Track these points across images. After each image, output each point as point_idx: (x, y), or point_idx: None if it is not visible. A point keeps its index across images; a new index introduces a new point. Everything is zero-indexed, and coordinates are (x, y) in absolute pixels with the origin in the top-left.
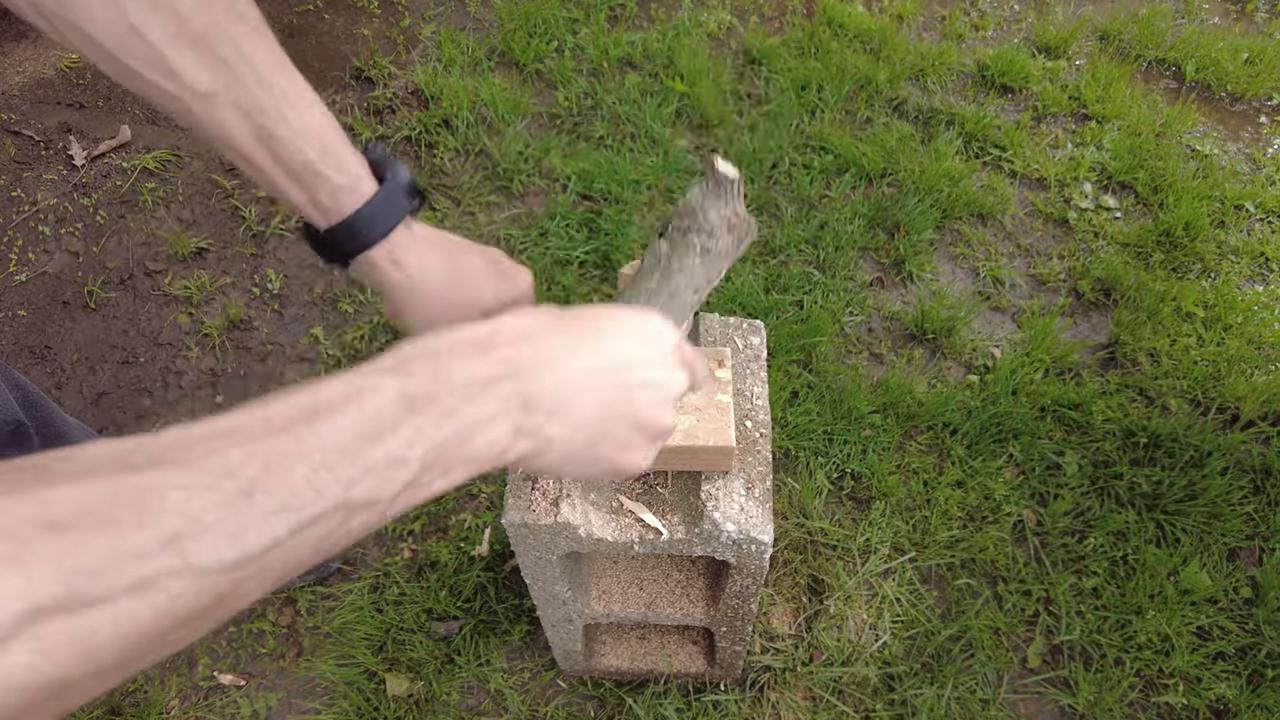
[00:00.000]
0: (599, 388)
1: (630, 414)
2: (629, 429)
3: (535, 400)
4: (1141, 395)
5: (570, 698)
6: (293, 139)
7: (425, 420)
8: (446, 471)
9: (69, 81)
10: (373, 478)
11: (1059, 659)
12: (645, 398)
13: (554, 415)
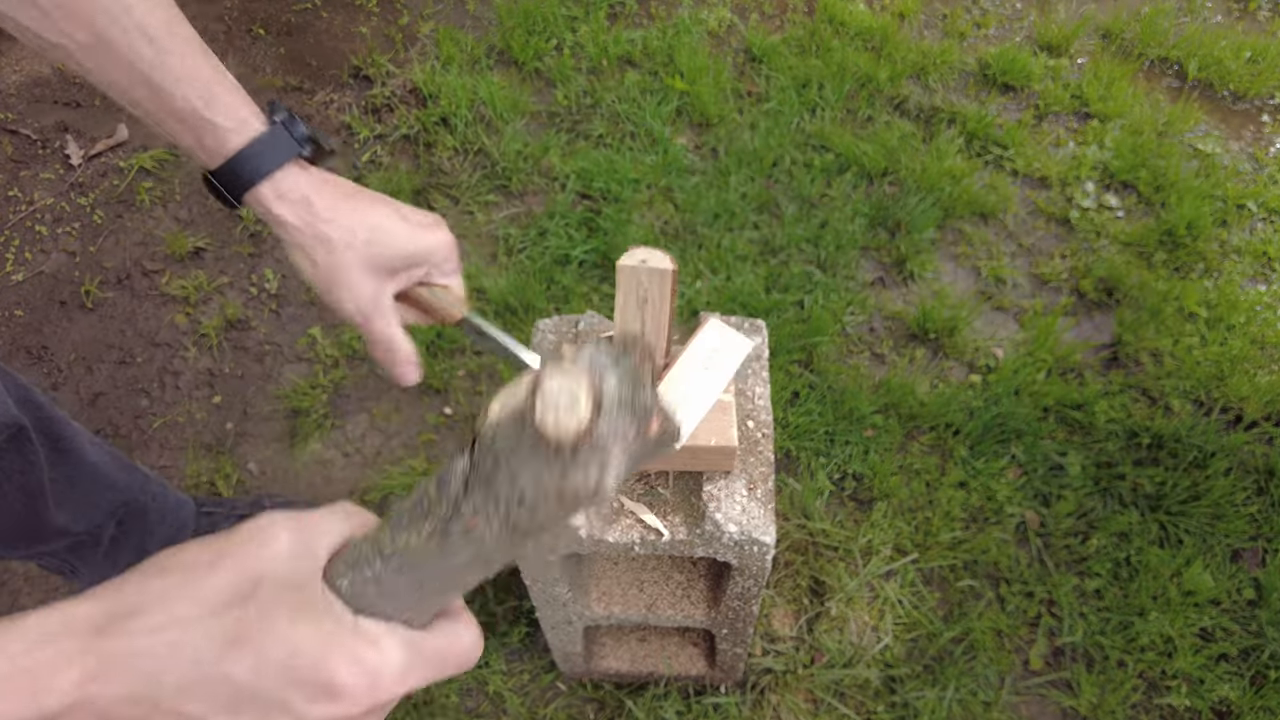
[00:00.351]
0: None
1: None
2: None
3: None
4: (1144, 395)
5: (570, 700)
6: (176, 87)
7: None
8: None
9: (66, 80)
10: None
11: (1061, 661)
12: None
13: None
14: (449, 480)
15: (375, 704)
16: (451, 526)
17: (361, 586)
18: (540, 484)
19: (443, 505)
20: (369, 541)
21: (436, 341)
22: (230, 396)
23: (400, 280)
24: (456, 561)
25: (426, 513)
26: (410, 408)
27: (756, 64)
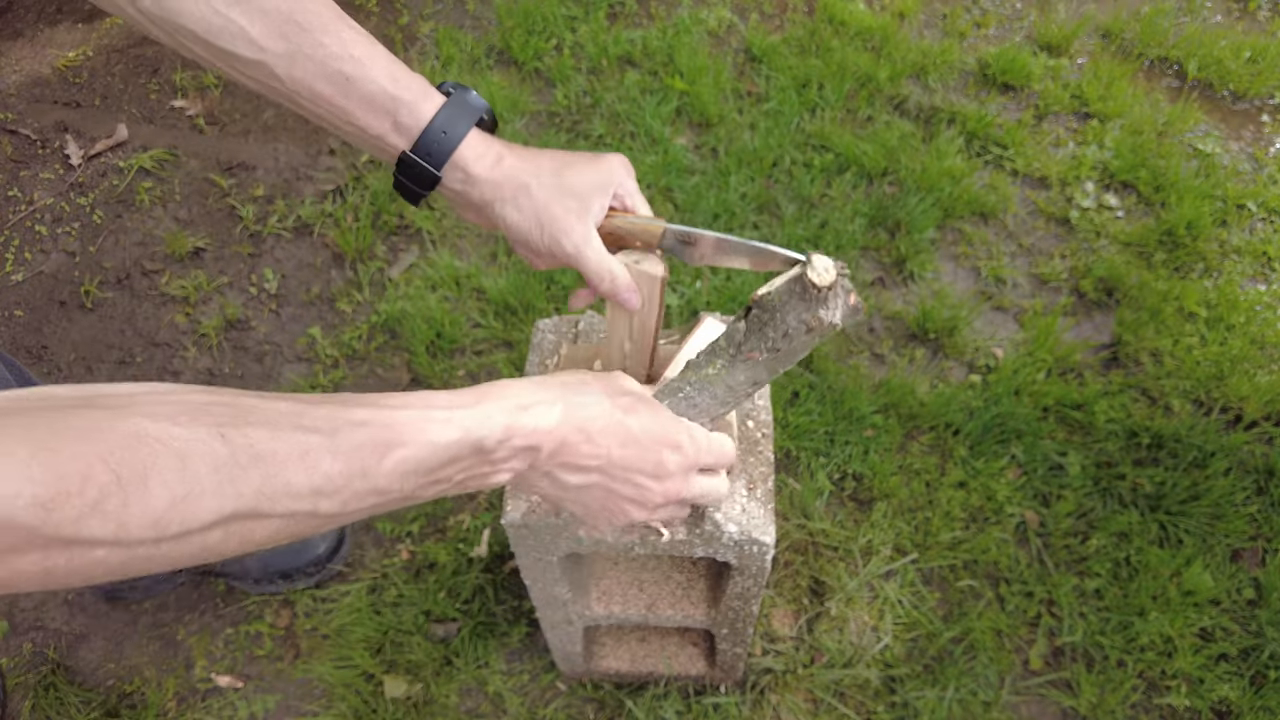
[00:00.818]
0: (595, 494)
1: (602, 505)
2: (596, 510)
3: (539, 467)
4: (1144, 395)
5: (569, 700)
6: (364, 74)
7: (477, 463)
8: (461, 486)
9: (65, 80)
10: (430, 489)
11: (1061, 660)
12: (626, 509)
13: (544, 477)
14: (734, 334)
15: (695, 461)
16: (736, 359)
17: (676, 404)
18: (800, 319)
19: (731, 347)
20: (679, 378)
21: (436, 341)
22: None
23: (596, 211)
24: (738, 380)
25: (719, 354)
26: None
27: (756, 64)
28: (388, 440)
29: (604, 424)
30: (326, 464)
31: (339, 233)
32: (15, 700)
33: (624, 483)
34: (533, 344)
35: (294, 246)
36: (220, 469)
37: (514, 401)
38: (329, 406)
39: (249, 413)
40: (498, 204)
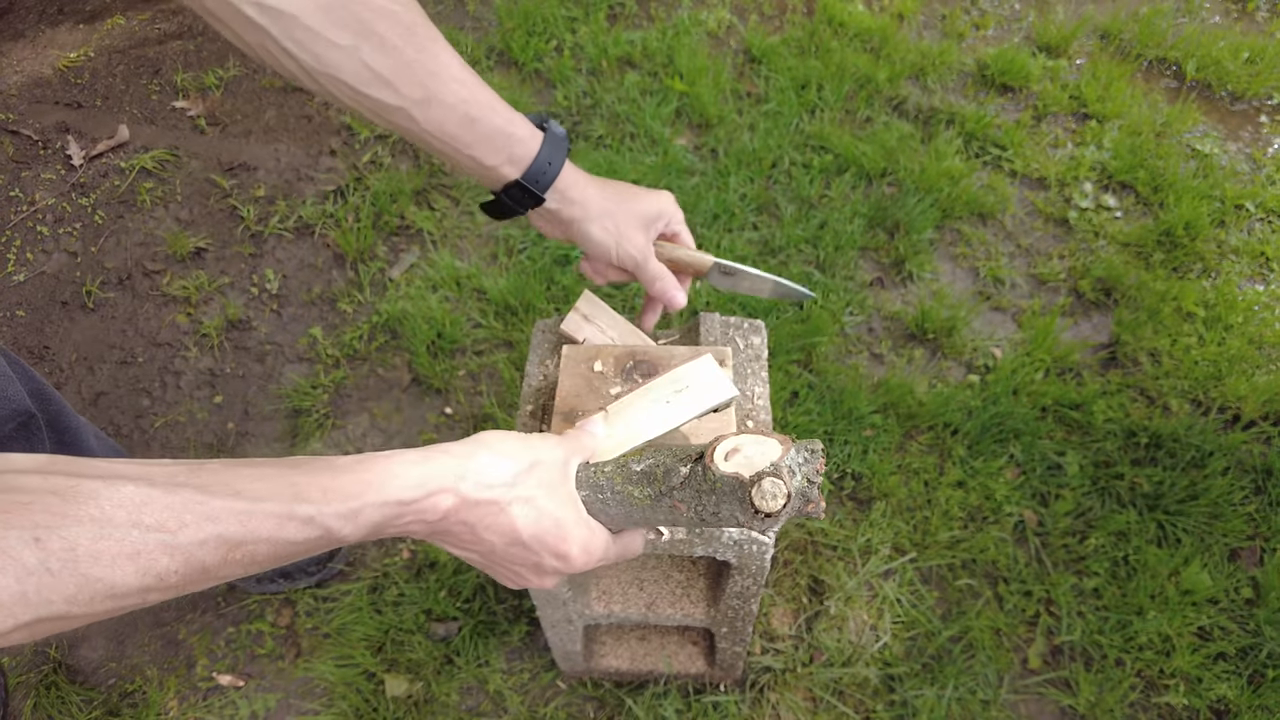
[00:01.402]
0: (476, 561)
1: (495, 574)
2: (507, 577)
3: (423, 536)
4: (1142, 395)
5: (570, 698)
6: (485, 116)
7: (349, 543)
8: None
9: (67, 81)
10: (283, 563)
11: (1060, 659)
12: (514, 580)
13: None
14: (674, 476)
15: (578, 568)
16: (662, 501)
17: (592, 502)
18: (734, 516)
19: (662, 486)
20: (607, 477)
21: (437, 342)
22: (231, 396)
23: (653, 233)
24: (656, 516)
25: (650, 482)
26: (411, 408)
27: (756, 65)
28: (237, 539)
29: (493, 523)
30: (163, 564)
31: (340, 233)
32: (17, 699)
33: (500, 566)
34: (533, 344)
35: (295, 247)
36: (25, 579)
37: (395, 500)
38: (185, 491)
39: (84, 503)
40: (585, 223)
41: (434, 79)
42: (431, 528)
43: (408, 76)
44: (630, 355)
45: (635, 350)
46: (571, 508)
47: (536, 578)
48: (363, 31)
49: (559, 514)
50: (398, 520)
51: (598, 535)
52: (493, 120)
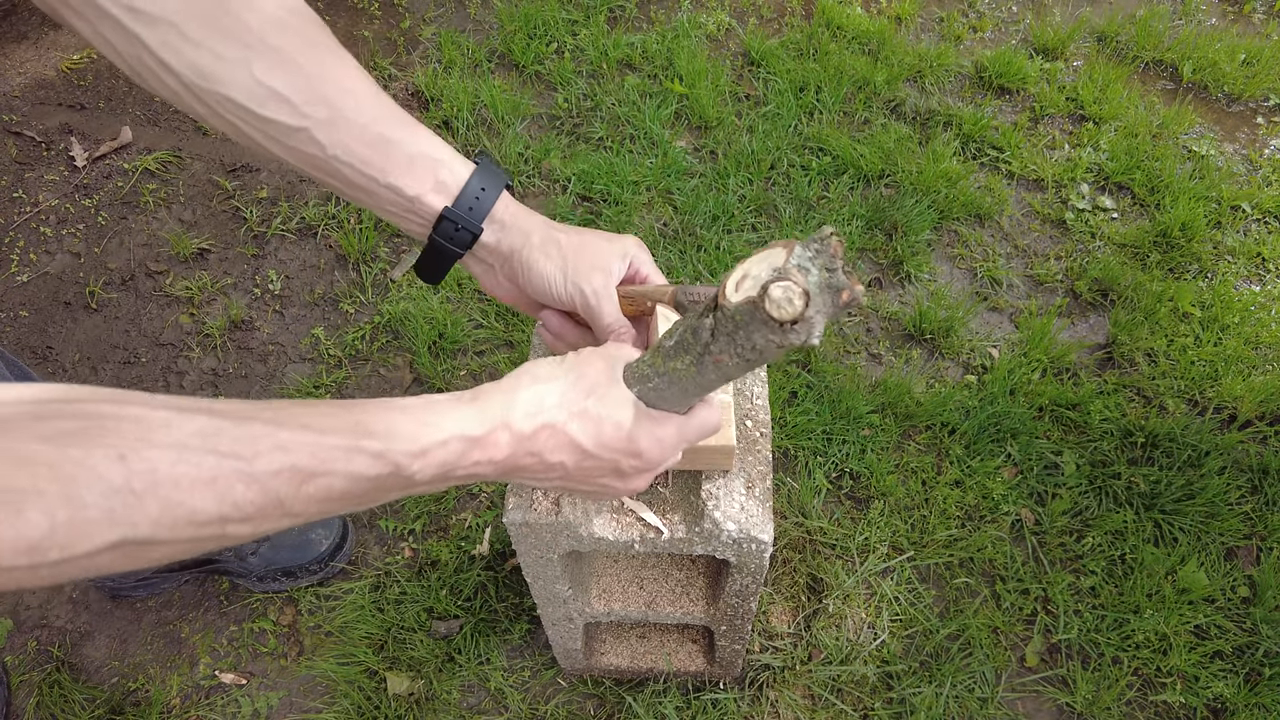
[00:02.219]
0: (559, 487)
1: (586, 495)
2: (597, 493)
3: (493, 478)
4: (1139, 395)
5: (570, 696)
6: (406, 136)
7: (424, 490)
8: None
9: (70, 82)
10: (359, 507)
11: (1057, 658)
12: (598, 496)
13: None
14: (700, 331)
15: (660, 460)
16: (704, 360)
17: (646, 393)
18: (768, 341)
19: (697, 346)
20: (649, 365)
21: (439, 342)
22: (234, 396)
23: (615, 272)
24: (707, 379)
25: (686, 350)
26: None
27: (755, 67)
28: (310, 469)
29: (556, 444)
30: (239, 491)
31: (342, 234)
32: (20, 698)
33: (583, 484)
34: (534, 344)
35: (298, 248)
36: (112, 495)
37: (458, 434)
38: (251, 426)
39: (160, 430)
40: (526, 249)
41: (341, 95)
42: (500, 466)
43: (309, 92)
44: None
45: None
46: (627, 407)
47: (624, 483)
48: (254, 43)
49: (616, 416)
50: (466, 460)
51: (665, 423)
52: (413, 141)
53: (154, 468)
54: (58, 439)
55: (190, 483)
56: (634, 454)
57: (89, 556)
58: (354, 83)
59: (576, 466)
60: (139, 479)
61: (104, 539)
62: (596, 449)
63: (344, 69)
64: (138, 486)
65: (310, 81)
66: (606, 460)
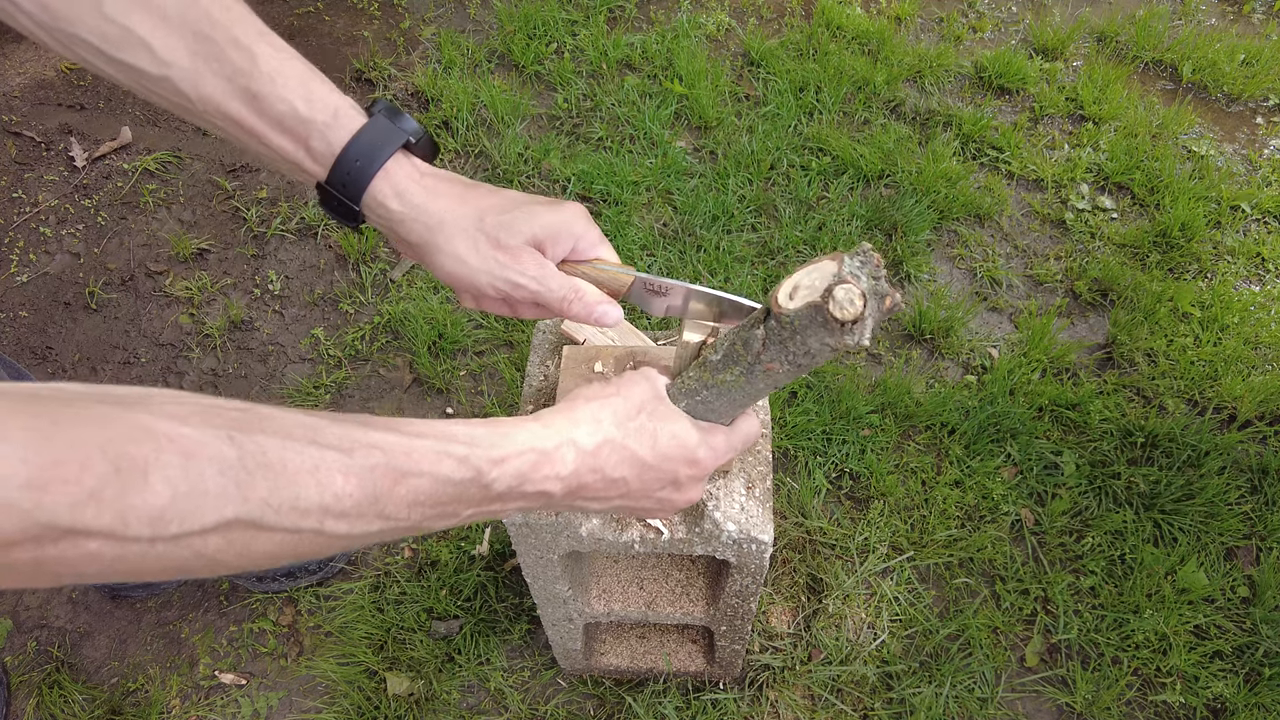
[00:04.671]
0: (617, 509)
1: (629, 515)
2: (624, 517)
3: (558, 505)
4: (1139, 395)
5: (570, 696)
6: (275, 92)
7: (487, 501)
8: (469, 522)
9: (70, 83)
10: (438, 520)
11: (1057, 658)
12: (651, 513)
13: (566, 509)
14: (751, 342)
15: (713, 467)
16: (755, 369)
17: (694, 406)
18: (823, 344)
19: (748, 356)
20: (695, 379)
21: (438, 342)
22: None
23: (553, 255)
24: (755, 388)
25: (736, 360)
26: (413, 408)
27: (754, 68)
28: (402, 467)
29: (618, 459)
30: (339, 483)
31: (342, 235)
32: (20, 698)
33: (644, 499)
34: (533, 345)
35: (297, 248)
36: (226, 471)
37: (531, 447)
38: (345, 425)
39: (263, 420)
40: (431, 250)
41: (205, 40)
42: (565, 483)
43: (168, 35)
44: (630, 356)
45: (635, 351)
46: (679, 419)
47: (681, 494)
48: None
49: (672, 428)
50: (537, 473)
51: (714, 433)
52: (284, 96)
53: (264, 449)
54: (171, 417)
55: (294, 470)
56: (692, 462)
57: (202, 534)
58: (225, 25)
59: (638, 479)
60: (251, 458)
61: (219, 515)
62: (656, 460)
63: (218, 9)
64: (250, 465)
65: (169, 23)
66: (666, 471)
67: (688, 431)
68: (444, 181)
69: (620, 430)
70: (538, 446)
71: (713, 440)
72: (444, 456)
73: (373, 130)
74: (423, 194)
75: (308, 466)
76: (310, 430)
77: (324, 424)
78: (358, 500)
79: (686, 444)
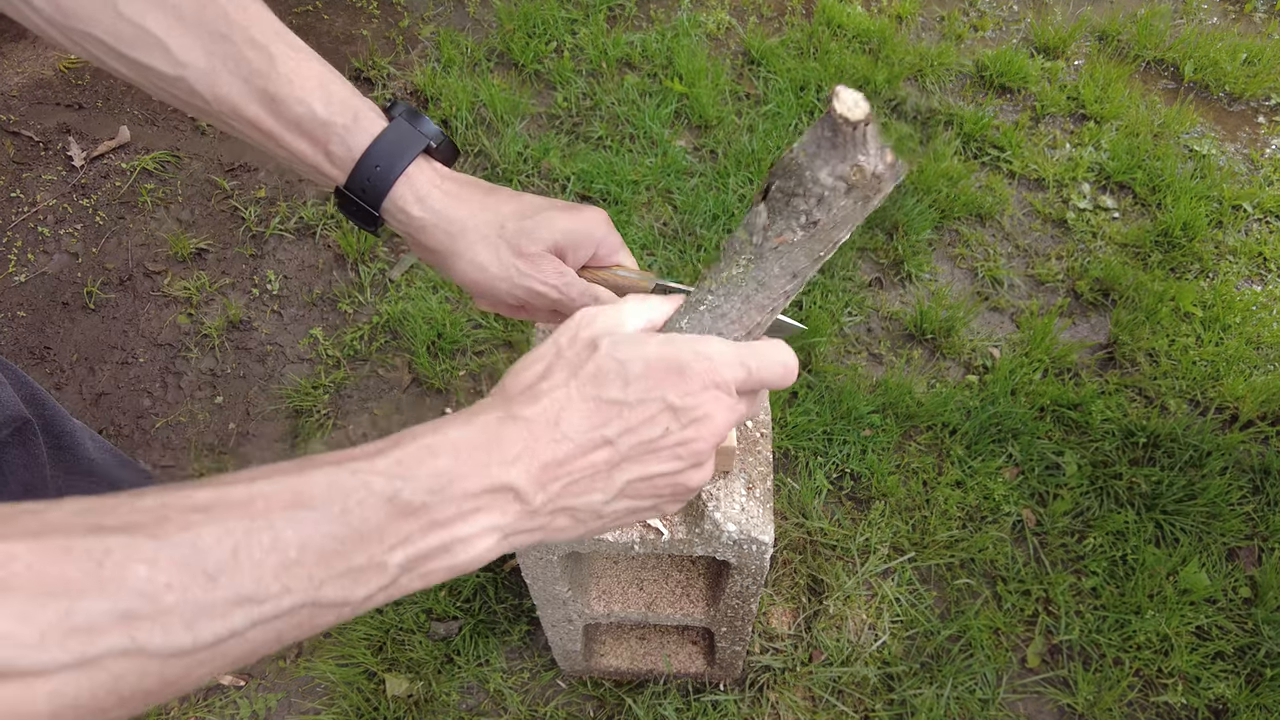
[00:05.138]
0: (617, 481)
1: (652, 495)
2: (649, 506)
3: (538, 508)
4: (1140, 395)
5: (570, 698)
6: (293, 94)
7: (413, 529)
8: (425, 577)
9: (68, 82)
10: (347, 580)
11: (1058, 659)
12: (670, 477)
13: (558, 515)
14: (753, 221)
15: (715, 381)
16: (764, 249)
17: (697, 320)
18: (836, 174)
19: (753, 238)
20: (696, 290)
21: (437, 342)
22: (232, 397)
23: (572, 261)
24: (771, 273)
25: (740, 250)
26: (412, 408)
27: (755, 66)
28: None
29: (575, 412)
30: (141, 573)
31: (341, 234)
32: None
33: (647, 456)
34: (533, 344)
35: (296, 248)
36: None
37: (462, 438)
38: (159, 495)
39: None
40: (452, 256)
41: (221, 42)
42: (527, 468)
43: (184, 34)
44: None
45: None
46: (640, 338)
47: (696, 432)
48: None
49: (628, 348)
50: (488, 459)
51: (707, 341)
52: (302, 99)
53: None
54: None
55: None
56: (676, 370)
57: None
58: (243, 26)
59: (621, 432)
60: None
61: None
62: (622, 391)
63: (235, 8)
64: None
65: (185, 22)
66: (651, 401)
67: (659, 343)
68: (465, 186)
69: (577, 389)
70: (468, 435)
71: (701, 347)
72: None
73: (393, 134)
74: (444, 199)
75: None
76: (92, 514)
77: (130, 500)
78: (183, 586)
79: (659, 354)
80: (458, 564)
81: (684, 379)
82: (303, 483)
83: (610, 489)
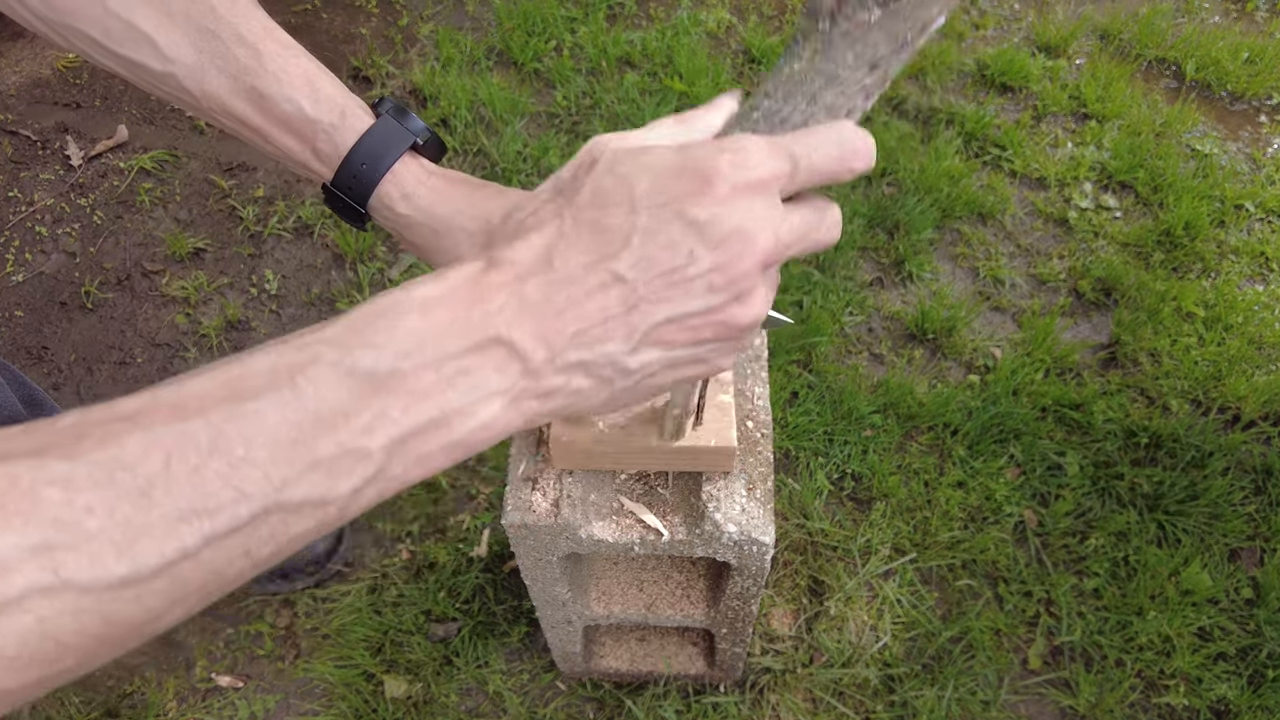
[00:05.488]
0: (639, 326)
1: (690, 341)
2: (690, 357)
3: (541, 366)
4: (1142, 395)
5: (569, 699)
6: (281, 91)
7: (388, 403)
8: (423, 461)
9: (66, 81)
10: (318, 475)
11: (1060, 660)
12: (707, 315)
13: (572, 374)
14: (817, 5)
15: (747, 181)
16: (834, 34)
17: (750, 128)
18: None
19: (819, 23)
20: (753, 96)
21: None
22: None
23: None
24: (843, 65)
25: (805, 37)
26: None
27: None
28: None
29: (580, 257)
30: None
31: (339, 234)
32: None
33: (674, 291)
34: None
35: (294, 247)
36: None
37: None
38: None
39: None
40: (438, 253)
41: (210, 38)
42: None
43: (173, 31)
44: None
45: None
46: (671, 149)
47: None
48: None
49: (652, 155)
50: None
51: (747, 137)
52: (289, 96)
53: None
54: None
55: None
56: (696, 176)
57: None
58: (231, 23)
59: (633, 264)
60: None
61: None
62: (628, 213)
63: (223, 5)
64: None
65: (174, 19)
66: (667, 220)
67: (683, 147)
68: (451, 183)
69: (571, 221)
70: (439, 290)
71: (732, 143)
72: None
73: (380, 131)
74: (430, 196)
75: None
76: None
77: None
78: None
79: (681, 161)
80: (460, 439)
81: (708, 185)
82: (241, 370)
83: (631, 336)
